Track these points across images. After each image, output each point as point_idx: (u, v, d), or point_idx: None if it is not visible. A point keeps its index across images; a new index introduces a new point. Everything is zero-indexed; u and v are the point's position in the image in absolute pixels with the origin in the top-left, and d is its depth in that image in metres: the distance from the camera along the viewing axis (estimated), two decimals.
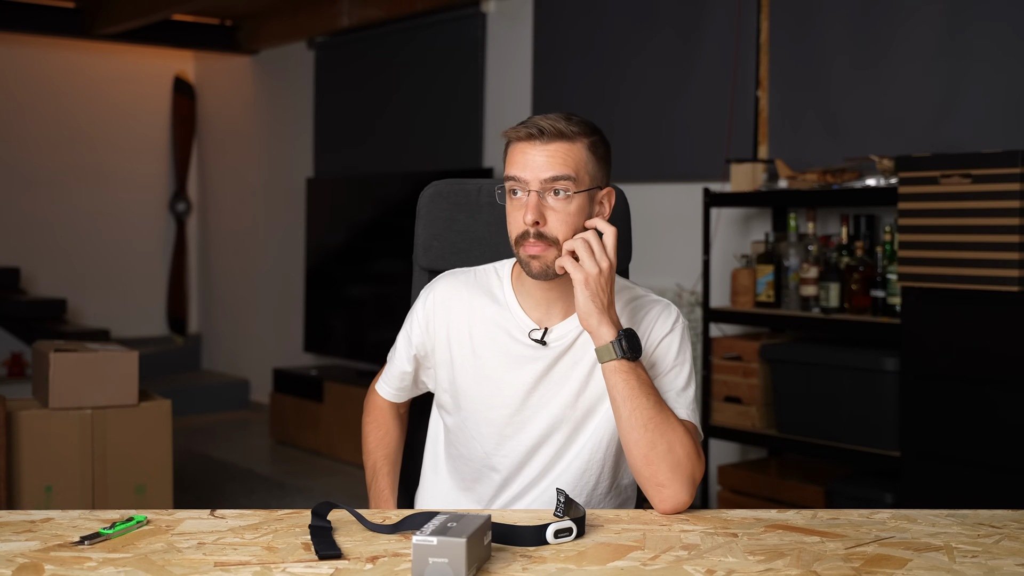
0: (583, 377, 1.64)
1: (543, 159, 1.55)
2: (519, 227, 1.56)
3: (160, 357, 6.74)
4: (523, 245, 1.57)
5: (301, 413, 5.50)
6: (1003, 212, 2.62)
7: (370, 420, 1.86)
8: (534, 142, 1.56)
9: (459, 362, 1.69)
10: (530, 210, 1.54)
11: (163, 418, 3.23)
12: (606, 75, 4.33)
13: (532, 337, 1.64)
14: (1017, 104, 3.11)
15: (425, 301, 1.74)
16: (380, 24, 5.51)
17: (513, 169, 1.57)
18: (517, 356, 1.65)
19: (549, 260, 1.56)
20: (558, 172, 1.54)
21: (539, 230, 1.55)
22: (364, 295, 5.60)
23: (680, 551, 1.33)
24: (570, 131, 1.56)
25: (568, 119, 1.57)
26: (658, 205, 4.07)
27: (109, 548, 1.32)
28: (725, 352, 3.45)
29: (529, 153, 1.56)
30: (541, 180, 1.55)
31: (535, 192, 1.55)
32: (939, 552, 1.33)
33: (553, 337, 1.64)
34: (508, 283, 1.69)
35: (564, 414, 1.65)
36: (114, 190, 6.87)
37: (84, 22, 6.09)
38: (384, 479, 1.81)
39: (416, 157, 5.38)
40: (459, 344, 1.68)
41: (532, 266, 1.57)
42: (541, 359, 1.64)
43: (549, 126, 1.55)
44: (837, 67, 3.55)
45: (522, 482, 1.69)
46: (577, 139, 1.57)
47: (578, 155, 1.56)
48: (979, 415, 2.69)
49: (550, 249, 1.56)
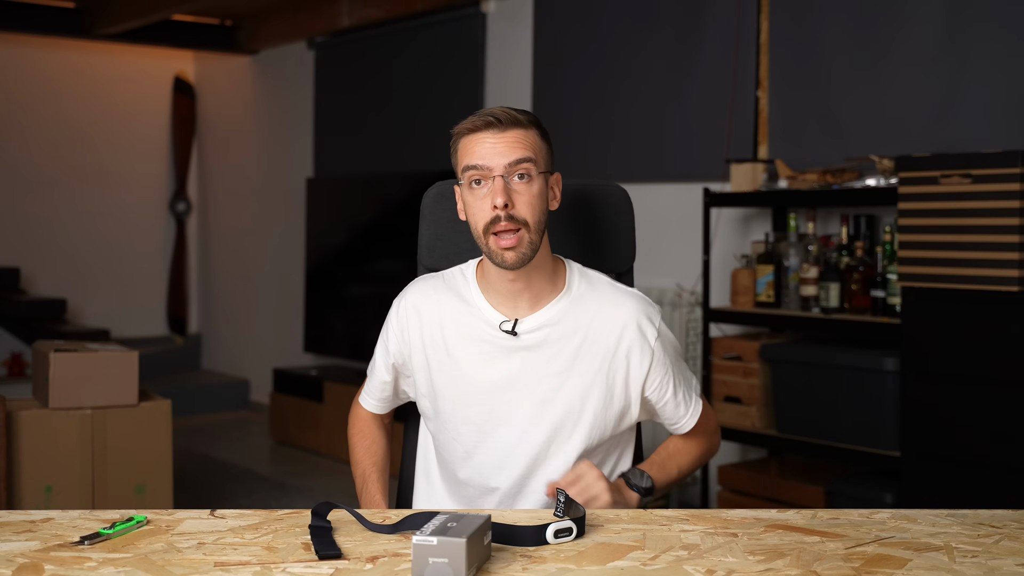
0: (560, 373, 1.65)
1: (503, 145, 1.59)
2: (487, 215, 1.58)
3: (160, 357, 6.74)
4: (493, 235, 1.59)
5: (301, 413, 5.50)
6: (1003, 212, 2.62)
7: (355, 432, 1.87)
8: (492, 130, 1.59)
9: (435, 365, 1.69)
10: (499, 193, 1.57)
11: (163, 418, 3.23)
12: (606, 75, 4.33)
13: (503, 328, 1.65)
14: (1017, 104, 3.11)
15: (398, 310, 1.75)
16: (380, 24, 5.51)
17: (473, 159, 1.60)
18: (490, 352, 1.66)
19: (523, 246, 1.58)
20: (520, 155, 1.59)
21: (509, 212, 1.57)
22: (364, 295, 5.60)
23: (680, 551, 1.33)
24: (523, 119, 1.61)
25: (515, 109, 1.63)
26: (658, 205, 4.07)
27: (109, 548, 1.32)
28: (725, 352, 3.45)
29: (488, 141, 1.59)
30: (505, 165, 1.58)
31: (500, 177, 1.58)
32: (939, 552, 1.33)
33: (524, 328, 1.65)
34: (473, 282, 1.71)
35: (544, 411, 1.65)
36: (114, 190, 6.88)
37: (84, 22, 6.09)
38: (375, 485, 1.81)
39: (416, 157, 5.38)
40: (434, 348, 1.69)
41: (507, 258, 1.59)
42: (514, 353, 1.65)
43: (504, 114, 1.60)
44: (837, 67, 3.55)
45: (507, 481, 1.69)
46: (530, 126, 1.62)
47: (533, 140, 1.62)
48: (979, 415, 2.69)
49: (521, 233, 1.58)
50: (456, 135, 1.63)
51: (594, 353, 1.65)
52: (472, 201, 1.61)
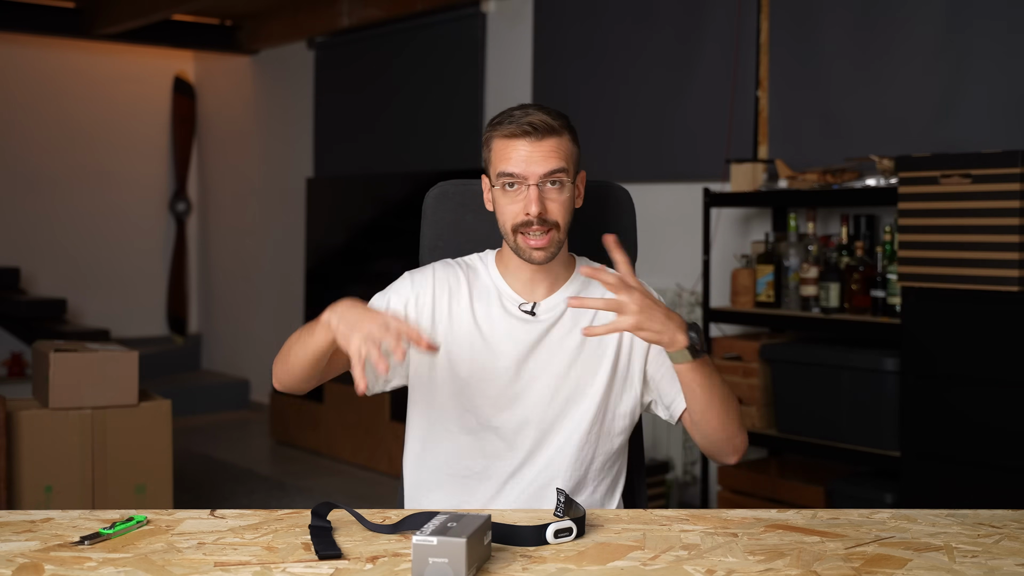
0: (574, 349, 1.70)
1: (539, 155, 1.63)
2: (518, 217, 1.64)
3: (160, 357, 6.74)
4: (525, 235, 1.64)
5: (301, 413, 5.50)
6: (1003, 212, 2.62)
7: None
8: (529, 139, 1.63)
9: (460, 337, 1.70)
10: (533, 202, 1.62)
11: (163, 418, 3.23)
12: (606, 75, 4.33)
13: (523, 309, 1.71)
14: (1017, 104, 3.11)
15: (428, 280, 1.74)
16: (380, 24, 5.51)
17: (508, 165, 1.63)
18: (510, 328, 1.71)
19: (553, 246, 1.65)
20: (555, 166, 1.63)
21: (543, 217, 1.63)
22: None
23: (680, 551, 1.33)
24: (557, 125, 1.64)
25: (549, 112, 1.65)
26: (658, 205, 4.07)
27: (109, 548, 1.32)
28: (725, 352, 3.45)
29: (524, 150, 1.63)
30: (540, 175, 1.63)
31: (535, 186, 1.62)
32: (939, 552, 1.33)
33: (542, 309, 1.71)
34: (494, 268, 1.76)
35: (557, 385, 1.69)
36: (114, 190, 6.87)
37: (84, 22, 6.09)
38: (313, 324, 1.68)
39: (416, 157, 5.38)
40: (460, 321, 1.71)
41: (535, 256, 1.66)
42: (533, 330, 1.70)
43: (540, 122, 1.62)
44: (837, 67, 3.55)
45: (518, 457, 1.69)
46: (564, 132, 1.66)
47: (567, 147, 1.66)
48: (979, 415, 2.69)
49: (552, 234, 1.64)
50: (491, 134, 1.66)
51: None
52: (504, 202, 1.66)
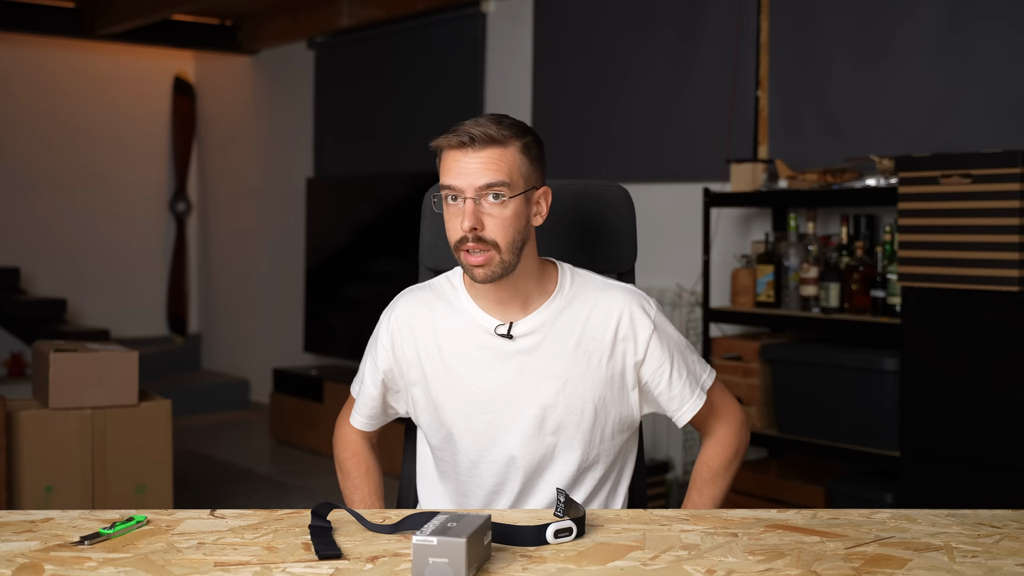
0: (560, 374, 1.64)
1: (476, 166, 1.55)
2: (457, 233, 1.57)
3: (160, 357, 6.74)
4: (463, 252, 1.57)
5: (301, 413, 5.50)
6: (1003, 212, 2.62)
7: (348, 456, 1.82)
8: (466, 150, 1.55)
9: (433, 378, 1.68)
10: (467, 217, 1.54)
11: (163, 418, 3.23)
12: (606, 75, 4.33)
13: (498, 332, 1.64)
14: (1017, 104, 3.11)
15: (388, 324, 1.73)
16: (380, 24, 5.51)
17: (447, 177, 1.57)
18: (488, 360, 1.64)
19: (493, 265, 1.57)
20: (492, 179, 1.55)
21: (478, 234, 1.55)
22: (364, 295, 5.60)
23: (680, 551, 1.33)
24: (501, 135, 1.56)
25: (499, 122, 1.57)
26: (658, 205, 4.07)
27: (109, 548, 1.32)
28: (725, 352, 3.44)
29: (462, 161, 1.55)
30: (476, 187, 1.55)
31: (471, 199, 1.55)
32: (939, 552, 1.33)
33: (519, 331, 1.64)
34: (462, 289, 1.69)
35: (546, 415, 1.64)
36: (114, 190, 6.87)
37: (84, 22, 6.09)
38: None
39: (416, 157, 5.38)
40: (430, 359, 1.68)
41: (476, 274, 1.58)
42: (512, 358, 1.64)
43: (480, 132, 1.54)
44: (837, 67, 3.55)
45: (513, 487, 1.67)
46: (509, 143, 1.57)
47: (511, 159, 1.56)
48: (979, 415, 2.69)
49: (491, 253, 1.56)
50: (439, 145, 1.60)
51: (592, 351, 1.65)
52: (447, 217, 1.59)
